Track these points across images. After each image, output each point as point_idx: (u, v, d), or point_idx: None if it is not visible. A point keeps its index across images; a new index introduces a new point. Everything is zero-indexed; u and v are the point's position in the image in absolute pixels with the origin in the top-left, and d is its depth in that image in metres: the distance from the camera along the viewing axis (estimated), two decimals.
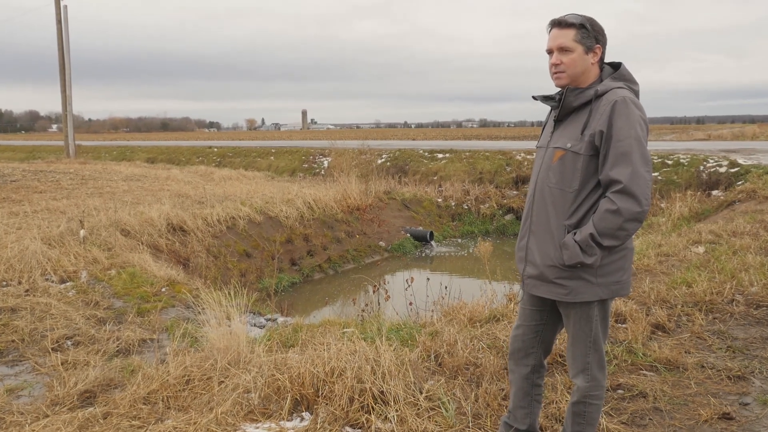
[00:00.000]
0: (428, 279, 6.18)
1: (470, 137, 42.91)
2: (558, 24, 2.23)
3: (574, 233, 2.14)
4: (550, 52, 2.25)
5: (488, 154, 16.94)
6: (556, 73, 2.23)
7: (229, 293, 4.37)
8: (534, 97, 2.36)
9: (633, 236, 2.32)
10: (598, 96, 2.16)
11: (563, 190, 2.18)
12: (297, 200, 10.94)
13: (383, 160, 18.55)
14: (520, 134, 46.35)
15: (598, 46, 2.21)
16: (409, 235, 12.00)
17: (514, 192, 14.40)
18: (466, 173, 15.65)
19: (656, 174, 12.95)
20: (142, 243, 7.54)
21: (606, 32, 2.24)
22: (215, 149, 27.43)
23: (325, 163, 19.95)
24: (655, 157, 13.87)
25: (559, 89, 2.29)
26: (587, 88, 2.19)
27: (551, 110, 2.38)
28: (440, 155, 17.78)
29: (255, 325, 5.44)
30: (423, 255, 11.52)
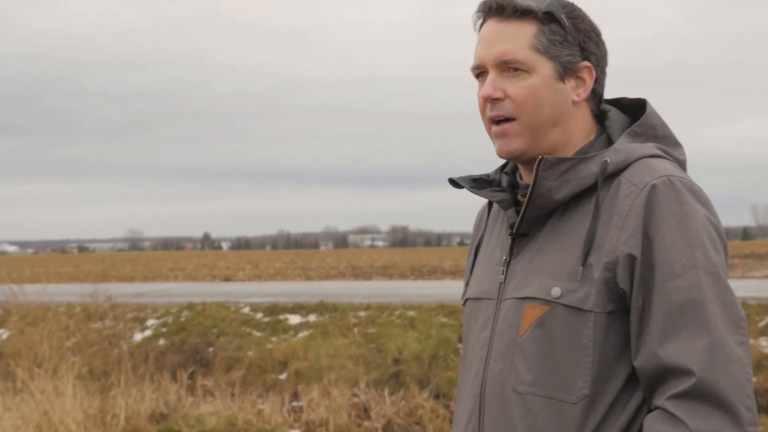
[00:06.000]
0: None
1: (369, 271, 43.36)
2: (499, 10, 2.41)
3: None
4: (479, 72, 2.46)
5: (414, 313, 17.70)
6: (497, 122, 2.42)
7: None
8: (453, 182, 2.57)
9: None
10: (610, 175, 2.34)
11: (553, 400, 2.32)
12: None
13: (150, 331, 18.79)
14: None
15: (587, 65, 2.43)
16: None
17: None
18: (361, 362, 16.10)
19: None
20: None
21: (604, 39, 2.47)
22: None
23: None
24: None
25: (511, 162, 2.54)
26: (582, 160, 2.37)
27: (497, 213, 2.64)
28: (295, 318, 18.33)
29: None
30: None
